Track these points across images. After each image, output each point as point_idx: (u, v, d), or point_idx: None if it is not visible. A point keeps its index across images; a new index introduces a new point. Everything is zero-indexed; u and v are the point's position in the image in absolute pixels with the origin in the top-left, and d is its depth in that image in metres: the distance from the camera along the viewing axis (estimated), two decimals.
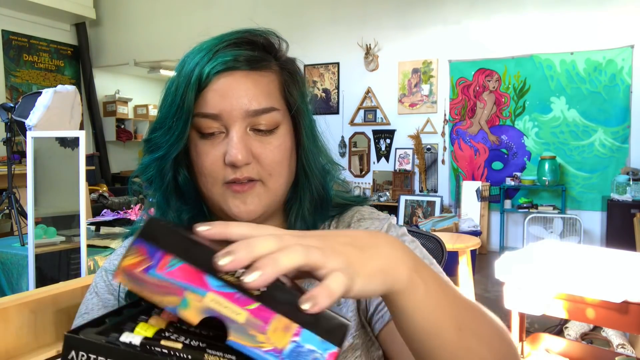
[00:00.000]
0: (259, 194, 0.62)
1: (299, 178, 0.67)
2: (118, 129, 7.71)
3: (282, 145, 0.63)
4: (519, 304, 1.95)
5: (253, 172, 0.61)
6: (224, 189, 0.62)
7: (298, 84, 0.66)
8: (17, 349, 1.39)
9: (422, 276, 0.41)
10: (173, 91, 0.61)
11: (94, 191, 5.51)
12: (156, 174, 0.64)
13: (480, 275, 4.23)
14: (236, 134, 0.60)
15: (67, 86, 2.86)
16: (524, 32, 5.10)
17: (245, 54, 0.61)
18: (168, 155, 0.62)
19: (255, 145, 0.61)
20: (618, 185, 4.58)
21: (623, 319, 1.70)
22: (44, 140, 2.51)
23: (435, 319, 0.41)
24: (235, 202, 0.62)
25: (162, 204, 0.65)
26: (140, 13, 7.16)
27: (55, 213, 2.69)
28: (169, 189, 0.64)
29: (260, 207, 0.63)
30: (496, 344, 0.46)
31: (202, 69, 0.59)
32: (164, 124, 0.61)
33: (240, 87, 0.60)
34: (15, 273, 2.40)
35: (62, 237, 2.52)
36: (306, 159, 0.66)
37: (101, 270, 0.70)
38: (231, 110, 0.59)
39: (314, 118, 0.68)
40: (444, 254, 1.04)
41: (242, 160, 0.59)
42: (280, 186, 0.64)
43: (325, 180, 0.68)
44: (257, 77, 0.61)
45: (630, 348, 2.51)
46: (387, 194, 5.72)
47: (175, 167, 0.64)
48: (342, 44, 5.90)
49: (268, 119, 0.61)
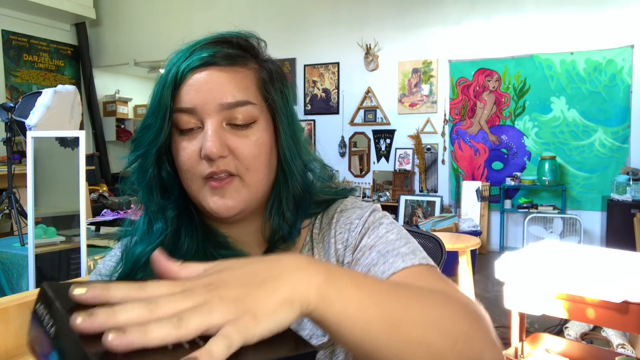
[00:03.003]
0: (237, 189, 0.62)
1: (278, 176, 0.67)
2: (118, 129, 7.71)
3: (259, 140, 0.63)
4: (519, 304, 1.95)
5: (230, 166, 0.61)
6: (202, 185, 0.62)
7: (277, 82, 0.66)
8: (17, 349, 1.39)
9: (337, 286, 0.39)
10: (154, 92, 0.63)
11: (94, 191, 5.51)
12: (138, 171, 0.65)
13: (480, 275, 4.23)
14: (211, 126, 0.60)
15: (67, 86, 2.86)
16: (524, 32, 5.10)
17: (222, 51, 0.62)
18: (148, 152, 0.63)
19: (231, 139, 0.61)
20: (618, 185, 4.58)
21: (623, 319, 1.70)
22: (44, 140, 2.51)
23: (363, 325, 0.39)
24: (214, 198, 0.62)
25: (145, 199, 0.66)
26: (140, 13, 7.16)
27: (55, 213, 2.69)
28: (151, 185, 0.65)
29: (240, 202, 0.63)
30: (449, 324, 0.43)
31: (178, 67, 0.61)
32: (145, 123, 0.63)
33: (215, 80, 0.61)
34: (15, 273, 2.40)
35: (62, 237, 2.52)
36: (284, 156, 0.66)
37: (95, 272, 0.70)
38: (205, 104, 0.60)
39: (297, 117, 0.69)
40: (444, 254, 1.04)
41: (217, 152, 0.59)
42: (259, 181, 0.64)
43: (305, 178, 0.69)
44: (233, 73, 0.62)
45: (630, 348, 2.51)
46: (387, 194, 5.72)
47: (158, 164, 0.65)
48: (342, 44, 5.90)
49: (244, 113, 0.61)
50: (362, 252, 0.65)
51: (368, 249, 0.64)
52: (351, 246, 0.67)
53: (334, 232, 0.69)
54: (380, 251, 0.62)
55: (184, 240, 0.65)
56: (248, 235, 0.69)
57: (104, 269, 0.70)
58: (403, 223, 5.36)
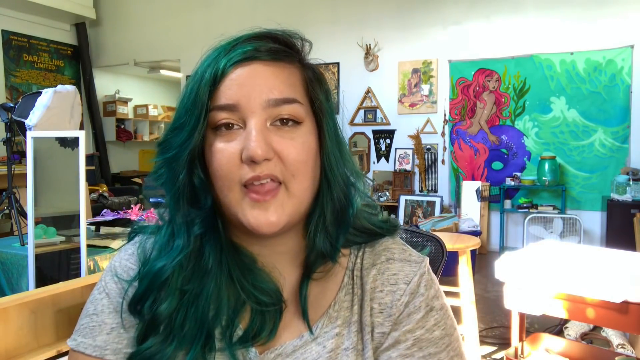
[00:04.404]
0: (282, 202, 0.55)
1: (321, 185, 0.60)
2: (118, 129, 7.71)
3: (306, 144, 0.57)
4: (519, 304, 1.95)
5: (275, 170, 0.55)
6: (241, 195, 0.55)
7: (322, 83, 0.61)
8: (17, 349, 1.39)
9: None
10: (188, 91, 0.57)
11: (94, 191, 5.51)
12: (167, 176, 0.59)
13: (480, 275, 4.23)
14: (255, 126, 0.54)
15: (67, 86, 2.86)
16: (524, 32, 5.10)
17: (266, 45, 0.57)
18: (179, 154, 0.56)
19: (277, 140, 0.55)
20: (618, 185, 4.58)
21: (623, 319, 1.71)
22: (44, 140, 2.51)
23: None
24: (254, 213, 0.55)
25: (172, 207, 0.60)
26: (140, 13, 7.16)
27: (55, 213, 2.69)
28: (181, 192, 0.58)
29: (284, 217, 0.55)
30: None
31: (217, 63, 0.55)
32: (176, 124, 0.57)
33: (261, 76, 0.55)
34: (15, 273, 2.40)
35: (62, 237, 2.52)
36: (329, 165, 0.59)
37: (111, 269, 0.65)
38: (249, 100, 0.54)
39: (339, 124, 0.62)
40: (445, 254, 1.04)
41: (262, 154, 0.53)
42: (305, 191, 0.57)
43: (348, 189, 0.62)
44: (279, 69, 0.57)
45: (630, 348, 2.51)
46: (387, 194, 5.72)
47: (190, 169, 0.58)
48: (342, 44, 5.90)
49: (290, 111, 0.56)
50: (404, 338, 0.59)
51: (411, 340, 0.58)
52: (393, 317, 0.59)
53: (373, 286, 0.61)
54: (422, 347, 0.58)
55: (208, 259, 0.59)
56: (281, 256, 0.62)
57: (120, 268, 0.65)
58: (403, 223, 5.37)
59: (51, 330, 1.49)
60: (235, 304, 0.59)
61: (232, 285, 0.59)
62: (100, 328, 0.61)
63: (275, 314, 0.59)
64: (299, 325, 0.61)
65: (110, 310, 0.62)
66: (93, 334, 0.61)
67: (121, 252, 0.67)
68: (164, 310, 0.58)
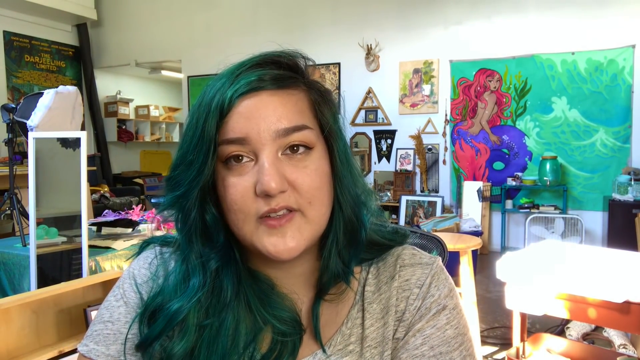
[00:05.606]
0: (300, 227, 0.55)
1: (333, 208, 0.59)
2: (119, 130, 7.72)
3: (320, 169, 0.56)
4: (521, 304, 1.95)
5: (290, 201, 0.54)
6: (256, 226, 0.54)
7: (329, 104, 0.60)
8: (19, 349, 1.39)
9: None
10: (194, 123, 0.55)
11: (96, 192, 5.52)
12: (179, 214, 0.58)
13: (481, 276, 4.23)
14: (267, 158, 0.53)
15: (69, 87, 2.86)
16: (525, 32, 5.10)
17: (270, 73, 0.55)
18: (190, 191, 0.55)
19: (290, 171, 0.54)
20: (619, 185, 4.57)
21: (624, 319, 1.70)
22: (46, 141, 2.51)
23: None
24: (271, 240, 0.54)
25: (185, 246, 0.59)
26: (141, 14, 7.17)
27: (56, 213, 2.69)
28: (193, 230, 0.57)
29: (303, 242, 0.55)
30: None
31: (223, 94, 0.54)
32: (184, 159, 0.56)
33: (268, 106, 0.54)
34: (17, 273, 2.40)
35: (64, 238, 2.53)
36: (340, 186, 0.59)
37: (130, 277, 0.64)
38: (258, 132, 0.53)
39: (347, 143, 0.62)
40: (446, 254, 1.04)
41: (276, 188, 0.52)
42: (322, 216, 0.56)
43: (359, 209, 0.61)
44: (285, 96, 0.56)
45: (631, 348, 2.51)
46: (388, 194, 5.72)
47: (202, 205, 0.57)
48: (343, 44, 5.90)
49: (301, 138, 0.55)
50: (414, 335, 0.58)
51: (420, 338, 0.58)
52: (406, 322, 0.59)
53: (390, 298, 0.61)
54: (433, 346, 0.58)
55: (227, 292, 0.58)
56: (297, 278, 0.61)
57: (139, 277, 0.64)
58: (404, 223, 5.36)
59: (53, 330, 1.49)
60: (254, 333, 0.58)
61: (251, 315, 0.58)
62: (115, 337, 0.60)
63: (296, 341, 0.58)
64: (312, 344, 0.60)
65: (127, 320, 0.61)
66: (107, 342, 0.60)
67: (140, 261, 0.66)
68: (179, 350, 0.56)
